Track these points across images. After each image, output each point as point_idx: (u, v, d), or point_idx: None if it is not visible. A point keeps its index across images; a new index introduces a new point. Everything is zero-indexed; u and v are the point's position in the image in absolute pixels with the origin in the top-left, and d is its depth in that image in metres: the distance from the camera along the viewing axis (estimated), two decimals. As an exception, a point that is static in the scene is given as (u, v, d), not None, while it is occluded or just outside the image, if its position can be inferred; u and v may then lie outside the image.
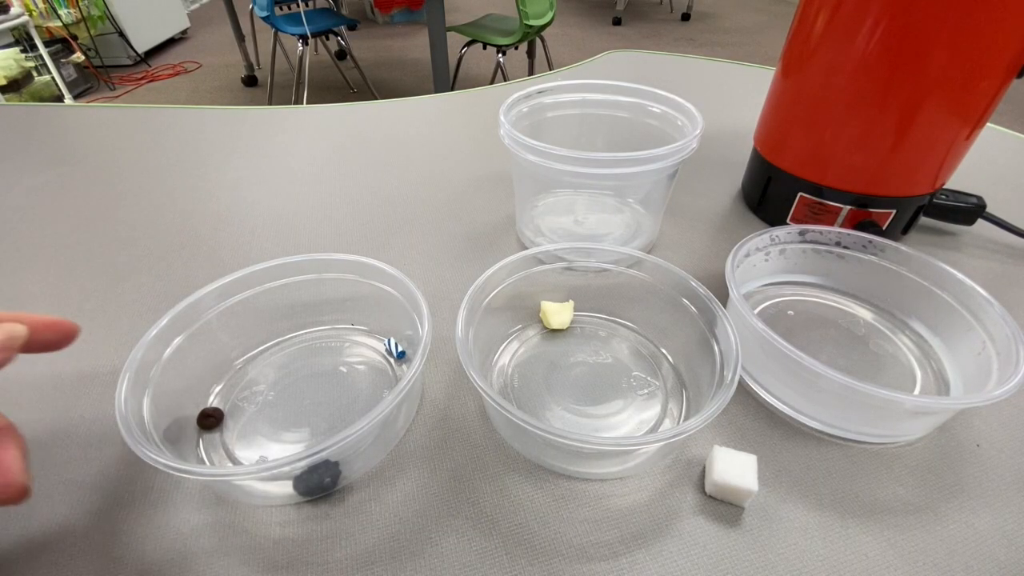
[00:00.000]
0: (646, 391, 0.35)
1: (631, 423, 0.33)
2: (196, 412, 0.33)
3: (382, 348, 0.38)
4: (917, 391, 0.35)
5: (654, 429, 0.33)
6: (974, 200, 0.48)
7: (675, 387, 0.35)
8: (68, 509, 0.29)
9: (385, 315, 0.37)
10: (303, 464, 0.25)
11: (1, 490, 0.19)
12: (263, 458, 0.31)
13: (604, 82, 0.49)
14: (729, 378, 0.28)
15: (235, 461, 0.31)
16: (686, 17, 3.93)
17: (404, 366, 0.37)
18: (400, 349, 0.37)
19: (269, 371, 0.36)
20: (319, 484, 0.29)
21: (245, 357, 0.37)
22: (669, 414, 0.33)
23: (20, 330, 0.23)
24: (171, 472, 0.24)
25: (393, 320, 0.37)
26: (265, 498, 0.29)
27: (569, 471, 0.31)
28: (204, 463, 0.31)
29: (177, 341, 0.32)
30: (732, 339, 0.30)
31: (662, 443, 0.27)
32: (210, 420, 0.32)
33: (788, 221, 0.49)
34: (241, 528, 0.28)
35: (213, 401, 0.34)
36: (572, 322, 0.39)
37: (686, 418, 0.33)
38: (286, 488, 0.29)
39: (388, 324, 0.38)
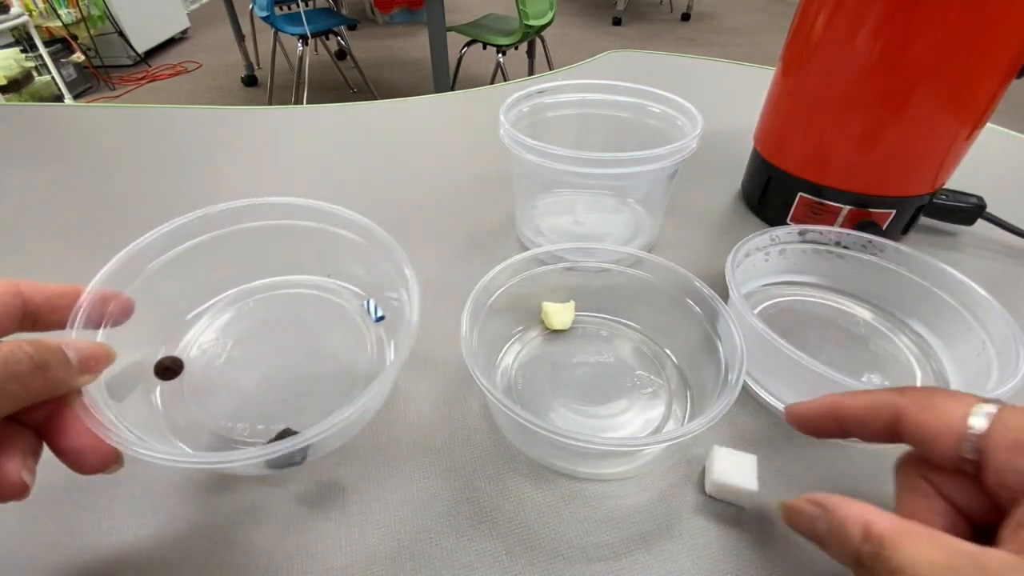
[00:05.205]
0: (650, 389, 0.35)
1: (636, 422, 0.33)
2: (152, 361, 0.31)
3: (359, 306, 0.37)
4: (917, 391, 0.35)
5: (659, 429, 0.33)
6: (974, 200, 0.48)
7: (679, 387, 0.35)
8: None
9: (363, 271, 0.35)
10: (273, 454, 0.23)
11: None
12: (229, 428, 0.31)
13: (604, 82, 0.49)
14: (733, 379, 0.28)
15: (196, 424, 0.30)
16: (686, 17, 3.93)
17: (381, 330, 0.36)
18: (380, 313, 0.36)
19: (235, 321, 0.36)
20: (288, 460, 0.28)
21: (214, 301, 0.36)
22: (673, 415, 0.33)
23: (110, 355, 0.24)
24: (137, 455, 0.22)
25: (373, 279, 0.35)
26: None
27: (573, 471, 0.31)
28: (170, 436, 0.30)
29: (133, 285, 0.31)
30: (736, 339, 0.30)
31: (667, 444, 0.27)
32: (168, 372, 0.31)
33: (788, 221, 0.49)
34: (239, 529, 0.28)
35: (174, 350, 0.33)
36: (574, 322, 0.39)
37: (690, 418, 0.33)
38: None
39: (366, 283, 0.37)
